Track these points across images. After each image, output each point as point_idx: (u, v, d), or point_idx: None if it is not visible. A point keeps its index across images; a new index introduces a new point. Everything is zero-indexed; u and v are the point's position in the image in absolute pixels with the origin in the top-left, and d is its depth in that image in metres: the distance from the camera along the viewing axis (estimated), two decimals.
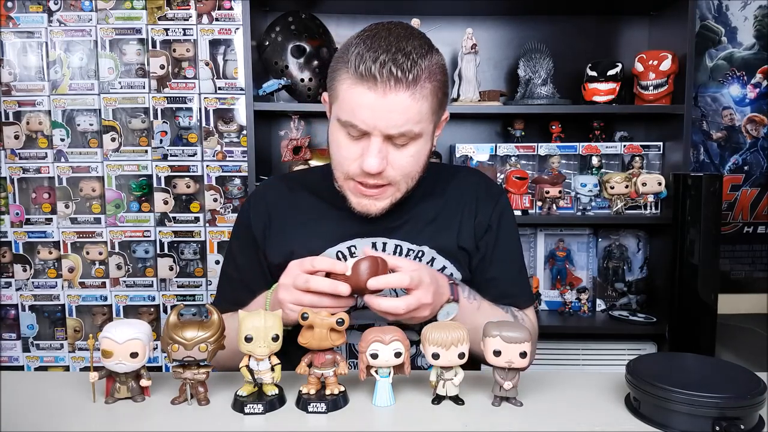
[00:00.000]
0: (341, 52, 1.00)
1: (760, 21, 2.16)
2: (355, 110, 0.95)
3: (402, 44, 0.95)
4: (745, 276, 2.25)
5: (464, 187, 1.17)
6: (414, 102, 0.95)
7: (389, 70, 0.92)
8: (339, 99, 0.98)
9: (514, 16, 2.13)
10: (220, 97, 2.17)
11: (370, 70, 0.92)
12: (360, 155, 0.98)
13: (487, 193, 1.17)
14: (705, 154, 2.22)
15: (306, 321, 0.80)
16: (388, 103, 0.93)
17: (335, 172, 1.04)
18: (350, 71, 0.95)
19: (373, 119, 0.94)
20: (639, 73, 1.93)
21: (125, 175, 2.19)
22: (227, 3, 2.15)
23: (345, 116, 0.97)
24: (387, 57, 0.93)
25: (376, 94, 0.93)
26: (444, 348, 0.80)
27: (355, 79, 0.94)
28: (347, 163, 1.00)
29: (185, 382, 0.83)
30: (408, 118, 0.95)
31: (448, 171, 1.23)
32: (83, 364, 2.25)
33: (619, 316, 2.01)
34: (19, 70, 2.14)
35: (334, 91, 1.00)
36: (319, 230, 1.11)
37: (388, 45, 0.94)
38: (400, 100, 0.94)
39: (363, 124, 0.95)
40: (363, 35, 0.98)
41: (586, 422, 0.79)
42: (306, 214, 1.13)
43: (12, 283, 2.22)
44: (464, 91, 1.93)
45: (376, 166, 0.96)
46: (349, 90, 0.95)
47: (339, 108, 0.98)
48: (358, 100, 0.94)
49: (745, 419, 0.73)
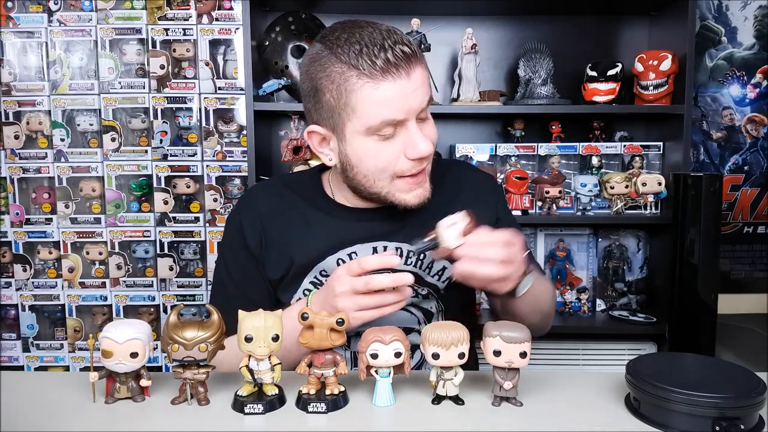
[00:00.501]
0: (322, 72, 0.96)
1: (760, 21, 2.16)
2: (388, 106, 0.93)
3: (382, 27, 0.96)
4: (745, 276, 2.25)
5: (462, 183, 1.17)
6: (425, 71, 0.97)
7: (402, 52, 0.93)
8: (360, 109, 0.94)
9: (514, 16, 2.13)
10: (220, 97, 2.18)
11: (389, 60, 0.92)
12: (401, 149, 0.97)
13: (485, 188, 1.20)
14: (705, 154, 2.22)
15: (306, 321, 0.80)
16: (413, 83, 0.94)
17: (377, 182, 1.01)
18: (365, 73, 0.92)
19: (407, 104, 0.94)
20: (639, 73, 1.93)
21: (125, 175, 2.19)
22: (227, 3, 2.15)
23: (375, 120, 0.94)
24: (389, 42, 0.93)
25: (402, 80, 0.93)
26: (444, 348, 0.80)
27: (374, 78, 0.92)
28: (392, 165, 0.98)
29: (185, 382, 0.83)
30: (426, 87, 0.98)
31: (439, 167, 1.19)
32: (83, 364, 2.25)
33: (619, 316, 2.01)
34: (19, 70, 2.15)
35: (345, 109, 0.95)
36: (318, 238, 1.08)
37: (377, 33, 0.94)
38: (419, 74, 0.95)
39: (400, 113, 0.94)
40: (338, 42, 0.95)
41: (586, 422, 0.79)
42: (301, 223, 1.10)
43: (12, 283, 2.22)
44: (464, 91, 1.93)
45: (429, 146, 0.97)
46: (373, 92, 0.93)
47: (362, 118, 0.95)
48: (386, 95, 0.93)
49: (745, 419, 0.73)
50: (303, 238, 1.09)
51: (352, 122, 0.96)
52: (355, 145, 0.98)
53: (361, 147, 0.98)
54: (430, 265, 1.10)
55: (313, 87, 0.99)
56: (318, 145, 1.04)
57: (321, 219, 1.10)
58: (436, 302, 1.12)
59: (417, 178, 1.01)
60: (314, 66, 0.98)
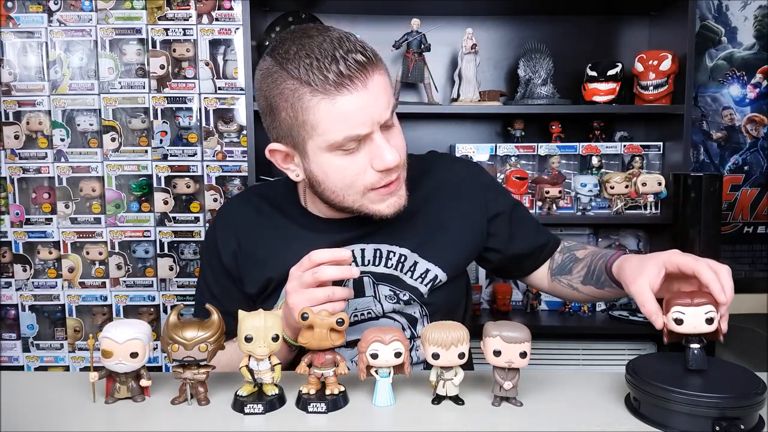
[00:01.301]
0: (275, 89, 0.91)
1: (760, 21, 2.16)
2: (348, 121, 0.89)
3: (334, 35, 0.90)
4: (745, 276, 2.25)
5: (443, 178, 1.12)
6: (385, 76, 0.92)
7: (356, 61, 0.87)
8: (319, 127, 0.90)
9: (514, 16, 2.13)
10: (220, 97, 2.18)
11: (341, 73, 0.86)
12: (368, 162, 0.93)
13: (470, 182, 1.13)
14: (705, 154, 2.22)
15: (306, 321, 0.80)
16: (372, 93, 0.89)
17: (347, 197, 0.97)
18: (319, 89, 0.87)
19: (369, 116, 0.89)
20: (639, 73, 1.93)
21: (125, 175, 2.19)
22: (227, 3, 2.15)
23: (338, 137, 0.90)
24: (341, 52, 0.87)
25: (359, 91, 0.88)
26: (444, 348, 0.80)
27: (328, 93, 0.87)
28: (361, 179, 0.94)
29: (185, 382, 0.83)
30: (388, 94, 0.93)
31: (420, 163, 1.13)
32: (83, 364, 2.25)
33: (619, 316, 2.02)
34: (19, 70, 2.14)
35: (304, 126, 0.91)
36: (293, 252, 0.97)
37: (327, 42, 0.88)
38: (378, 82, 0.90)
39: (363, 127, 0.90)
40: (287, 56, 0.89)
41: (586, 422, 0.79)
42: (276, 236, 1.07)
43: (12, 283, 2.22)
44: (464, 91, 1.93)
45: (396, 157, 0.92)
46: (330, 108, 0.88)
47: (323, 135, 0.90)
48: (344, 109, 0.88)
49: (745, 419, 0.73)
50: (278, 252, 1.04)
51: (313, 139, 0.92)
52: (320, 162, 0.94)
53: (326, 163, 0.93)
54: (413, 268, 1.06)
55: (268, 105, 0.94)
56: (282, 162, 1.00)
57: (296, 232, 1.06)
58: (419, 307, 1.08)
59: (389, 188, 0.96)
60: (266, 82, 0.93)
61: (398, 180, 0.98)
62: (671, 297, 0.81)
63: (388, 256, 1.06)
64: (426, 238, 1.07)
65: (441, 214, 1.10)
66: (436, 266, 1.07)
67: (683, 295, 0.81)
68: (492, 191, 1.15)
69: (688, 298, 0.80)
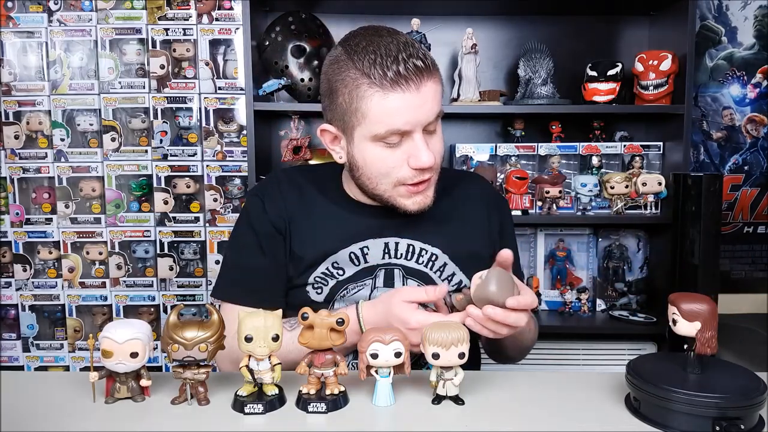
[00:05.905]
0: (338, 75, 0.99)
1: (760, 21, 2.16)
2: (394, 117, 0.96)
3: (401, 39, 0.99)
4: (745, 276, 2.25)
5: (472, 193, 1.21)
6: (438, 85, 1.00)
7: (414, 65, 0.95)
8: (369, 117, 0.98)
9: (514, 16, 2.13)
10: (220, 97, 2.18)
11: (399, 73, 0.94)
12: (405, 158, 1.00)
13: (496, 203, 1.23)
14: (705, 154, 2.22)
15: (306, 321, 0.80)
16: (422, 96, 0.96)
17: (380, 185, 1.04)
18: (376, 83, 0.95)
19: (414, 117, 0.97)
20: (639, 73, 1.93)
21: (125, 175, 2.19)
22: (227, 3, 2.15)
23: (382, 128, 0.97)
24: (404, 55, 0.95)
25: (411, 92, 0.95)
26: (444, 348, 0.80)
27: (383, 88, 0.95)
28: (395, 171, 1.01)
29: (185, 382, 0.83)
30: (437, 102, 1.00)
31: (452, 174, 1.25)
32: (83, 364, 2.25)
33: (619, 316, 2.01)
34: (19, 70, 2.14)
35: (356, 113, 0.99)
36: (331, 231, 1.10)
37: (394, 44, 0.96)
38: (430, 88, 0.97)
39: (406, 125, 0.97)
40: (356, 49, 0.98)
41: (586, 422, 0.79)
42: (316, 215, 1.12)
43: (12, 283, 2.22)
44: (464, 91, 1.93)
45: (431, 159, 0.99)
46: (382, 102, 0.96)
47: (370, 125, 0.98)
48: (394, 105, 0.95)
49: (745, 419, 0.73)
50: (316, 229, 1.11)
51: (360, 127, 1.00)
52: (362, 149, 1.02)
53: (367, 151, 1.01)
54: (442, 268, 1.11)
55: (329, 88, 1.02)
56: (330, 143, 1.08)
57: (334, 212, 1.13)
58: None
59: (418, 187, 1.03)
60: (332, 68, 1.01)
61: (429, 181, 1.05)
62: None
63: (420, 253, 1.11)
64: (456, 244, 1.13)
65: (469, 225, 1.16)
66: (462, 272, 1.12)
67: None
68: (507, 230, 1.23)
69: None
